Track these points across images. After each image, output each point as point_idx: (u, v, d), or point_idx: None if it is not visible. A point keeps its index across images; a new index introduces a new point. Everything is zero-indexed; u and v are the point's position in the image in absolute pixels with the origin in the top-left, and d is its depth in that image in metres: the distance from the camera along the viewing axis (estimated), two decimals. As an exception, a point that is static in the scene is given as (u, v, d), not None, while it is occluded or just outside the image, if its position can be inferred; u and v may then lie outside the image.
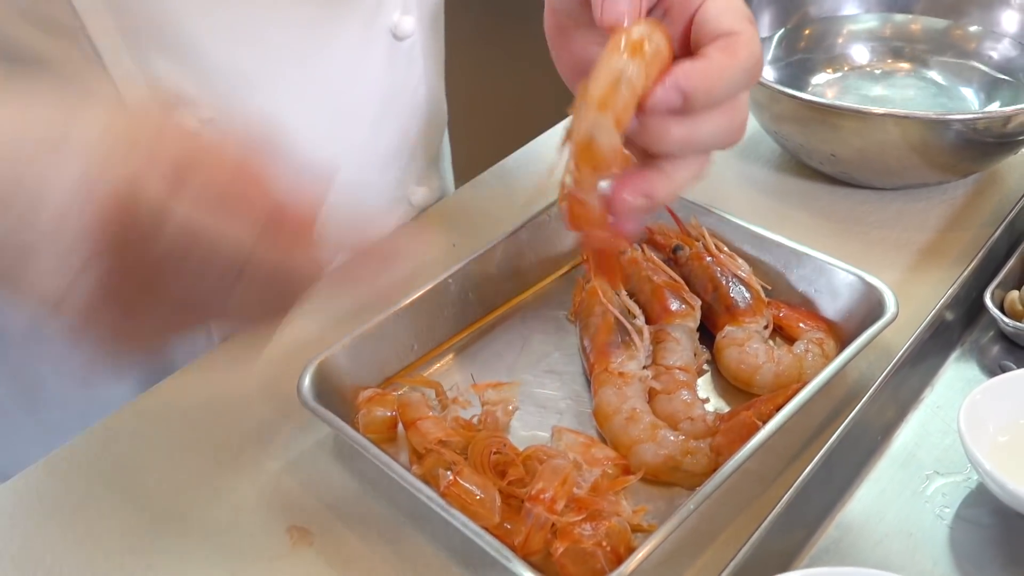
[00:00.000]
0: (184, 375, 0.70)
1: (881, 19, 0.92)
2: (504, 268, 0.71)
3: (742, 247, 0.71)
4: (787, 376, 0.63)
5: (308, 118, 0.68)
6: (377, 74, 0.74)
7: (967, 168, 0.78)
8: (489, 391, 0.62)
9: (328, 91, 0.71)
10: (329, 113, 0.71)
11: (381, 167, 0.78)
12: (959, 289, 0.66)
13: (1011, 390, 0.57)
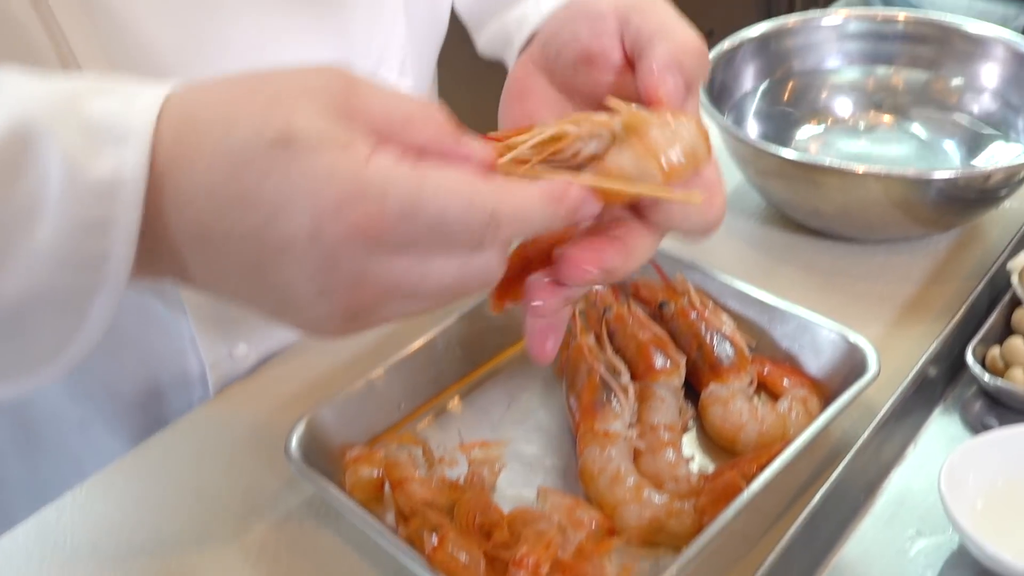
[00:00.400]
0: (175, 429, 0.70)
1: (863, 72, 0.93)
2: (492, 323, 0.72)
3: (727, 303, 0.71)
4: (771, 435, 0.63)
5: None
6: None
7: (949, 223, 0.79)
8: (476, 450, 0.63)
9: None
10: None
11: None
12: (941, 345, 0.67)
13: (990, 451, 0.57)
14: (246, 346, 0.73)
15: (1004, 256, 0.74)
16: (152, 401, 0.74)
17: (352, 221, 0.38)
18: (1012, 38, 0.87)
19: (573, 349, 0.69)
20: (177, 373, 0.73)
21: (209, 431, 0.69)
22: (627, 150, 0.44)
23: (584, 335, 0.69)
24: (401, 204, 0.38)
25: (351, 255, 0.39)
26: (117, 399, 0.73)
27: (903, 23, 0.92)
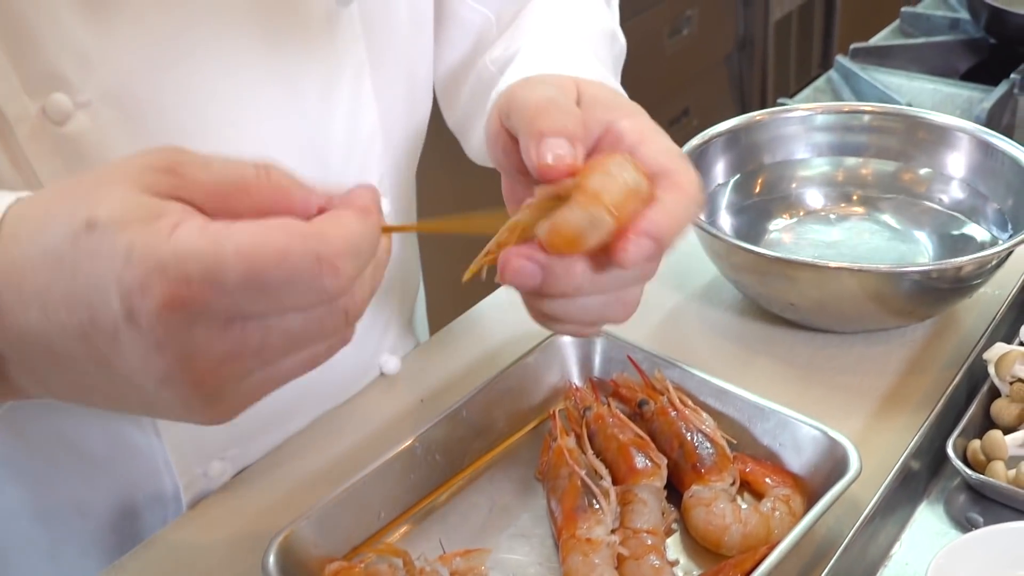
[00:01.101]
0: (149, 547, 0.68)
1: (833, 163, 0.94)
2: (471, 427, 0.72)
3: (706, 400, 0.71)
4: (755, 536, 0.63)
5: None
6: None
7: (924, 313, 0.80)
8: (457, 559, 0.62)
9: None
10: None
11: (354, 340, 0.78)
12: (922, 439, 0.67)
13: (976, 550, 0.57)
14: (221, 464, 0.72)
15: (980, 345, 0.74)
16: (125, 521, 0.72)
17: (159, 296, 0.38)
18: (976, 129, 0.89)
19: (554, 452, 0.68)
20: (151, 493, 0.72)
21: (184, 548, 0.68)
22: (573, 204, 0.47)
23: (564, 437, 0.69)
24: (203, 271, 0.38)
25: (171, 332, 0.38)
26: (89, 520, 0.72)
27: (870, 115, 0.94)
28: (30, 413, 0.67)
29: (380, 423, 0.78)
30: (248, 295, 0.38)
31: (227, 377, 0.40)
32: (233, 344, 0.39)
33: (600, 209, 0.46)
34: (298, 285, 0.39)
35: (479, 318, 0.89)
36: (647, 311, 0.87)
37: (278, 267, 0.38)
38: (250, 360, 0.40)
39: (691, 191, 0.49)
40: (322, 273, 0.39)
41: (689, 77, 2.48)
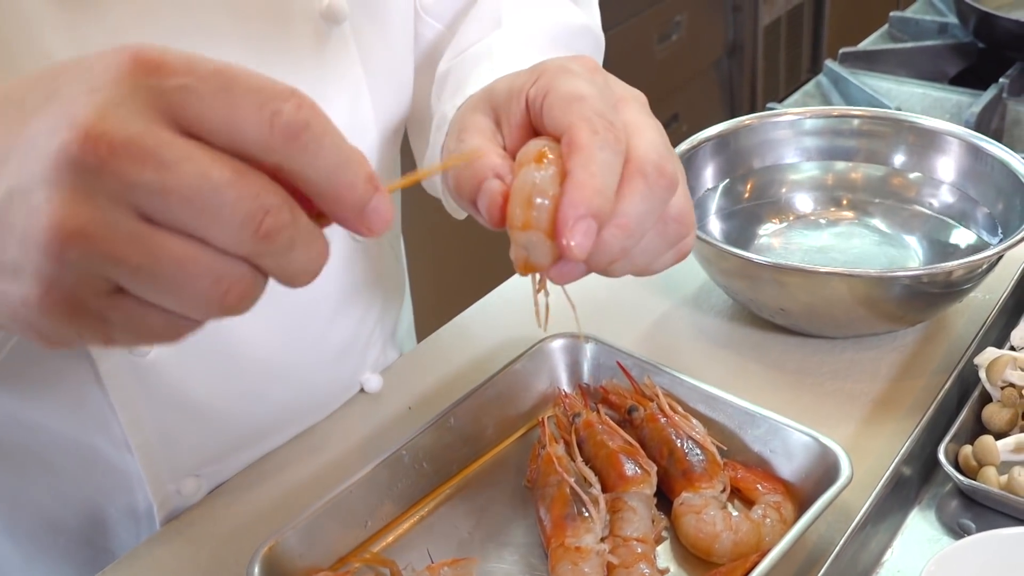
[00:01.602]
0: (127, 562, 0.67)
1: (822, 168, 0.94)
2: (459, 434, 0.71)
3: (696, 406, 0.71)
4: (746, 544, 0.62)
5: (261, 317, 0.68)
6: (336, 270, 0.74)
7: (915, 318, 0.80)
8: (445, 569, 0.61)
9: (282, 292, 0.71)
10: (283, 312, 0.71)
11: (334, 360, 0.78)
12: (914, 445, 0.66)
13: (967, 557, 0.56)
14: (195, 481, 0.71)
15: (971, 350, 0.74)
16: (97, 537, 0.71)
17: (128, 51, 0.36)
18: (965, 133, 0.88)
19: (543, 459, 0.67)
20: (123, 509, 0.71)
21: (163, 562, 0.67)
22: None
23: (553, 444, 0.68)
24: (187, 54, 0.37)
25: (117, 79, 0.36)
26: (60, 536, 0.71)
27: (859, 119, 0.93)
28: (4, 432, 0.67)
29: (366, 432, 0.77)
30: (212, 86, 0.36)
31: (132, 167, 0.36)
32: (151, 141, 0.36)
33: (520, 235, 0.46)
34: (261, 95, 0.37)
35: (466, 325, 0.89)
36: (636, 317, 0.87)
37: (253, 76, 0.37)
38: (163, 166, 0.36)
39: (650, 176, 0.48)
40: (290, 99, 0.37)
41: (678, 82, 2.48)
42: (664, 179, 0.48)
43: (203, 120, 0.36)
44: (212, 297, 0.38)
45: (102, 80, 0.36)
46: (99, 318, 0.38)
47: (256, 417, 0.73)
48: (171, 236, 0.37)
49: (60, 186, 0.35)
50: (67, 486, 0.69)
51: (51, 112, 0.36)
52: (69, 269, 0.36)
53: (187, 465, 0.71)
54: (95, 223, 0.36)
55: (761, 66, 2.70)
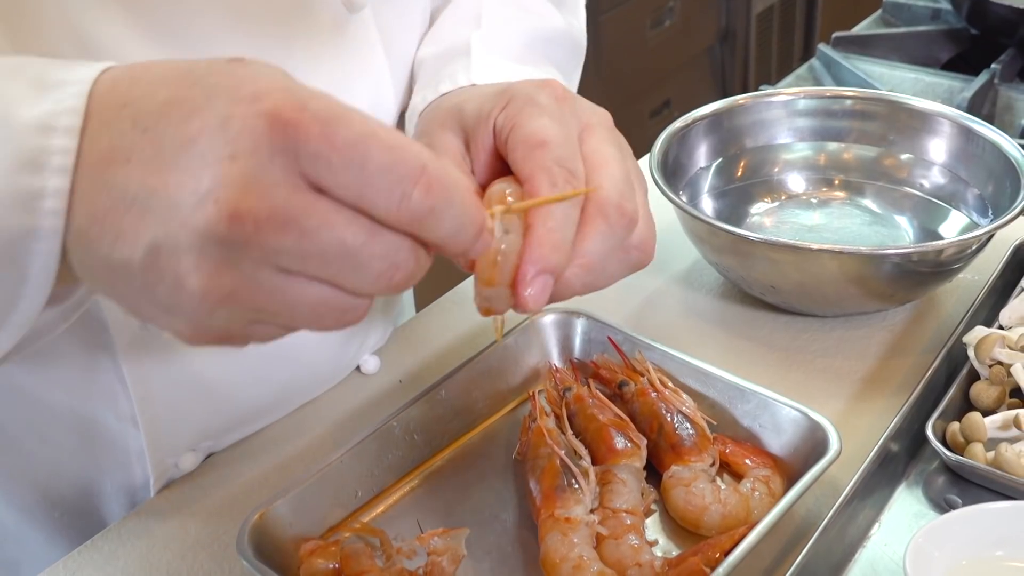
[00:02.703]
0: (120, 529, 0.68)
1: (815, 148, 0.94)
2: (450, 407, 0.71)
3: (686, 382, 0.71)
4: (734, 516, 0.62)
5: None
6: None
7: (905, 297, 0.80)
8: (435, 539, 0.61)
9: None
10: None
11: (338, 343, 0.78)
12: (902, 421, 0.67)
13: (954, 530, 0.57)
14: (193, 455, 0.71)
15: (960, 329, 0.74)
16: (93, 509, 0.72)
17: (267, 104, 0.37)
18: (957, 114, 0.89)
19: (533, 432, 0.68)
20: (120, 483, 0.71)
21: (155, 529, 0.67)
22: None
23: (544, 417, 0.68)
24: (323, 110, 0.38)
25: (255, 147, 0.37)
26: (56, 509, 0.71)
27: (852, 100, 0.93)
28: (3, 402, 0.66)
29: (358, 405, 0.77)
30: (347, 163, 0.38)
31: (268, 239, 0.38)
32: (302, 206, 0.38)
33: (483, 289, 0.48)
34: (387, 178, 0.39)
35: (459, 299, 0.89)
36: (628, 294, 0.87)
37: (386, 151, 0.39)
38: (300, 236, 0.38)
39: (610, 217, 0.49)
40: (419, 181, 0.39)
41: (671, 69, 2.48)
42: (624, 218, 0.50)
43: (336, 188, 0.39)
44: (335, 326, 0.42)
45: (242, 146, 0.37)
46: (242, 339, 0.42)
47: (258, 395, 0.73)
48: (307, 284, 0.40)
49: (207, 256, 0.38)
50: (65, 461, 0.69)
51: (192, 173, 0.38)
52: (218, 319, 0.40)
53: (189, 440, 0.71)
54: (240, 286, 0.39)
55: (753, 53, 2.70)
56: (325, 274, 0.40)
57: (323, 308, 0.41)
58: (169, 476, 0.71)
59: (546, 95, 0.52)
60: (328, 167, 0.38)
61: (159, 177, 0.38)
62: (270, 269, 0.39)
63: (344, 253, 0.39)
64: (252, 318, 0.40)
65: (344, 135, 0.38)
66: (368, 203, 0.39)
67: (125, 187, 0.39)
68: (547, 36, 0.76)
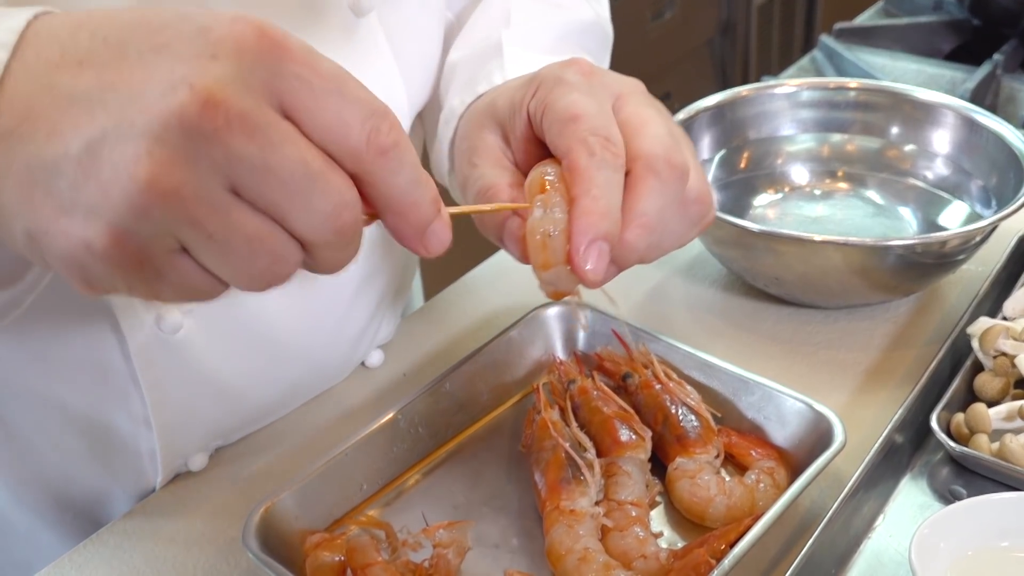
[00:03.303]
0: (128, 521, 0.68)
1: (818, 140, 0.94)
2: (454, 400, 0.71)
3: (691, 374, 0.71)
4: (739, 508, 0.62)
5: (287, 299, 0.68)
6: (362, 256, 0.74)
7: (908, 288, 0.80)
8: (440, 532, 0.61)
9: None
10: (307, 294, 0.71)
11: (349, 341, 0.78)
12: (906, 412, 0.67)
13: (959, 521, 0.57)
14: (202, 456, 0.71)
15: (964, 320, 0.74)
16: (103, 513, 0.72)
17: (250, 21, 0.37)
18: (961, 105, 0.88)
19: (538, 424, 0.68)
20: (131, 486, 0.71)
21: (161, 523, 0.67)
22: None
23: (548, 410, 0.68)
24: (303, 44, 0.38)
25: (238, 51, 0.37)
26: (67, 512, 0.71)
27: (855, 91, 0.93)
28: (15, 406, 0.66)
29: (363, 399, 0.77)
30: (326, 85, 0.38)
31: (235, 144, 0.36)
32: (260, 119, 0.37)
33: (542, 274, 0.49)
34: (358, 112, 0.39)
35: (462, 293, 0.89)
36: (631, 286, 0.87)
37: (359, 86, 0.39)
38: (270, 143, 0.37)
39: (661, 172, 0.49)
40: (382, 123, 0.39)
41: (671, 61, 2.48)
42: (675, 171, 0.50)
43: (309, 114, 0.38)
44: (263, 275, 0.40)
45: (223, 48, 0.37)
46: (156, 273, 0.39)
47: (269, 395, 0.74)
48: (251, 212, 0.38)
49: (165, 143, 0.36)
50: (77, 465, 0.69)
51: (164, 67, 0.36)
52: (146, 224, 0.37)
53: (201, 441, 0.71)
54: (188, 186, 0.37)
55: (754, 45, 2.70)
56: (275, 199, 0.38)
57: (258, 245, 0.39)
58: (178, 476, 0.71)
59: (573, 72, 0.52)
60: (309, 90, 0.38)
61: (118, 75, 0.37)
62: (221, 180, 0.37)
63: (303, 176, 0.38)
64: (182, 236, 0.38)
65: (324, 65, 0.38)
66: (339, 132, 0.38)
67: (73, 86, 0.37)
68: (579, 29, 0.76)
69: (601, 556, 0.59)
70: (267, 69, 0.37)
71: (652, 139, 0.50)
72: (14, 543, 0.73)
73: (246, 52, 0.37)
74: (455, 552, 0.60)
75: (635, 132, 0.50)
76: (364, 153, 0.39)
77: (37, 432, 0.68)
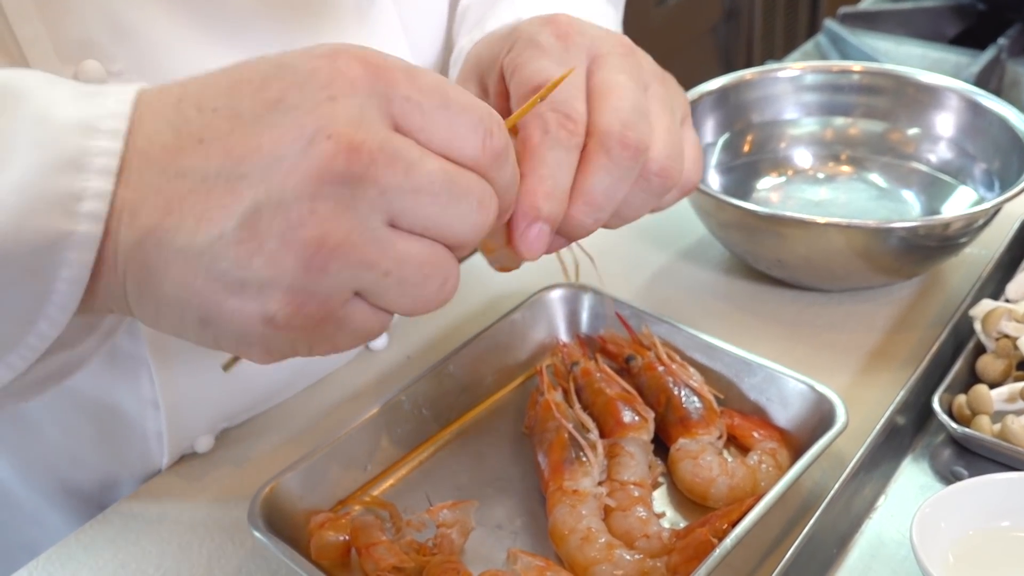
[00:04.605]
0: (134, 500, 0.68)
1: (821, 123, 0.94)
2: (458, 382, 0.71)
3: (693, 356, 0.71)
4: (741, 488, 0.63)
5: None
6: None
7: (911, 271, 0.80)
8: (444, 512, 0.62)
9: None
10: None
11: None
12: (908, 394, 0.67)
13: (961, 502, 0.57)
14: (209, 437, 0.72)
15: (966, 303, 0.74)
16: (106, 491, 0.72)
17: (351, 54, 0.37)
18: (964, 88, 0.88)
19: (541, 406, 0.68)
20: (137, 471, 0.71)
21: (167, 503, 0.68)
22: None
23: (551, 391, 0.68)
24: (401, 62, 0.38)
25: (352, 87, 0.37)
26: (73, 497, 0.72)
27: (859, 75, 0.93)
28: None
29: (367, 379, 0.78)
30: (434, 102, 0.38)
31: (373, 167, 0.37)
32: (398, 146, 0.37)
33: (487, 255, 0.51)
34: (470, 120, 0.39)
35: (466, 275, 0.89)
36: (634, 269, 0.87)
37: (462, 95, 0.39)
38: (401, 170, 0.37)
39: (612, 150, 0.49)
40: (492, 125, 0.40)
41: (675, 47, 2.47)
42: (628, 150, 0.49)
43: (424, 132, 0.39)
44: (436, 295, 0.41)
45: (338, 88, 0.37)
46: (336, 326, 0.39)
47: (279, 377, 0.74)
48: (413, 238, 0.39)
49: (325, 198, 0.36)
50: (84, 449, 0.70)
51: (290, 124, 0.36)
52: (325, 282, 0.37)
53: (208, 423, 0.71)
54: (356, 232, 0.37)
55: (758, 32, 2.69)
56: (431, 213, 0.39)
57: (429, 268, 0.39)
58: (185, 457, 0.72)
59: (548, 33, 0.51)
60: (420, 110, 0.38)
61: (246, 143, 0.37)
62: (382, 217, 0.38)
63: (448, 183, 0.39)
64: (357, 283, 0.38)
65: (425, 81, 0.38)
66: (456, 144, 0.39)
67: (205, 168, 0.37)
68: None
69: (604, 536, 0.59)
70: (380, 97, 0.38)
71: (611, 113, 0.49)
72: (21, 523, 0.73)
73: (359, 86, 0.37)
74: (459, 532, 0.61)
75: (597, 103, 0.49)
76: (481, 158, 0.40)
77: (45, 415, 0.68)
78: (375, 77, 0.37)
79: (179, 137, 0.37)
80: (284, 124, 0.37)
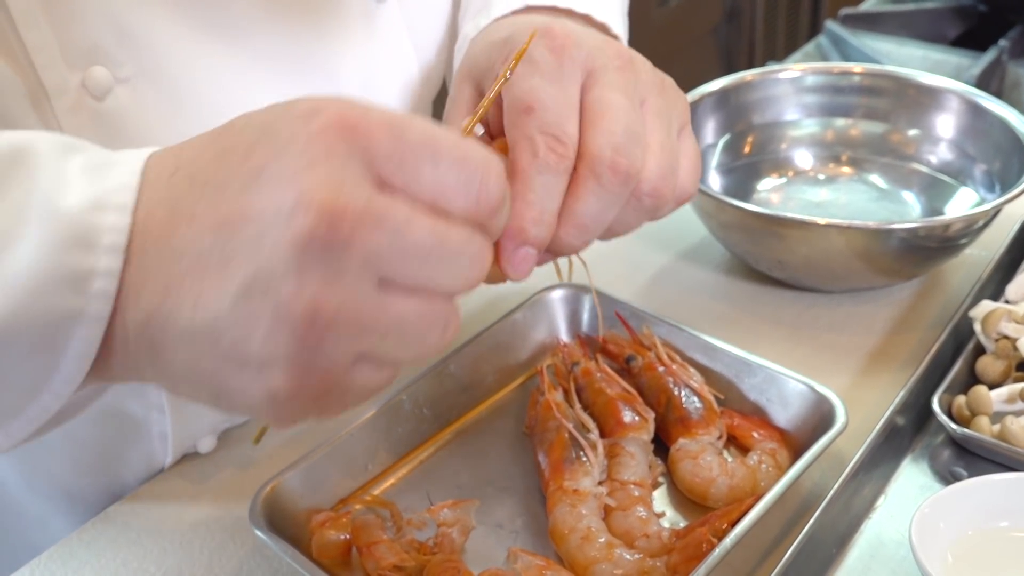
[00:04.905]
0: (135, 499, 0.68)
1: (822, 124, 0.94)
2: (459, 382, 0.71)
3: (694, 356, 0.71)
4: (741, 488, 0.63)
5: None
6: None
7: (911, 272, 0.80)
8: (445, 511, 0.62)
9: None
10: None
11: None
12: (908, 395, 0.67)
13: (960, 502, 0.57)
14: (211, 439, 0.72)
15: (966, 304, 0.74)
16: (110, 498, 0.72)
17: (328, 115, 0.36)
18: (965, 90, 0.89)
19: (541, 406, 0.68)
20: (140, 469, 0.71)
21: (168, 501, 0.68)
22: None
23: (552, 391, 0.69)
24: (384, 115, 0.37)
25: (329, 152, 0.36)
26: (78, 503, 0.72)
27: (859, 76, 0.93)
28: None
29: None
30: (420, 157, 0.37)
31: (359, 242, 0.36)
32: (385, 207, 0.36)
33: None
34: (462, 174, 0.38)
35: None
36: (635, 270, 0.87)
37: (454, 147, 0.38)
38: (387, 237, 0.36)
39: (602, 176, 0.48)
40: (488, 177, 0.39)
41: (676, 48, 2.47)
42: (618, 176, 0.48)
43: (410, 189, 0.37)
44: (439, 342, 0.40)
45: (315, 153, 0.36)
46: (343, 390, 0.39)
47: None
48: (406, 294, 0.38)
49: (310, 270, 0.35)
50: (88, 455, 0.70)
51: (272, 194, 0.36)
52: (325, 353, 0.37)
53: (209, 424, 0.71)
54: (348, 301, 0.36)
55: (760, 32, 2.69)
56: (422, 273, 0.38)
57: (428, 319, 0.39)
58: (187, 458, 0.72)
59: (542, 48, 0.50)
60: (401, 167, 0.37)
61: (231, 216, 0.36)
62: (371, 281, 0.37)
63: (437, 243, 0.38)
64: (357, 349, 0.38)
65: (412, 135, 0.37)
66: (448, 198, 0.38)
67: (197, 244, 0.37)
68: None
69: (604, 535, 0.59)
70: (361, 157, 0.37)
71: (603, 137, 0.48)
72: (26, 527, 0.73)
73: (336, 150, 0.36)
74: (459, 531, 0.61)
75: (589, 125, 0.48)
76: (475, 212, 0.39)
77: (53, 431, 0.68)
78: (353, 137, 0.37)
79: (173, 215, 0.38)
80: (265, 193, 0.36)
